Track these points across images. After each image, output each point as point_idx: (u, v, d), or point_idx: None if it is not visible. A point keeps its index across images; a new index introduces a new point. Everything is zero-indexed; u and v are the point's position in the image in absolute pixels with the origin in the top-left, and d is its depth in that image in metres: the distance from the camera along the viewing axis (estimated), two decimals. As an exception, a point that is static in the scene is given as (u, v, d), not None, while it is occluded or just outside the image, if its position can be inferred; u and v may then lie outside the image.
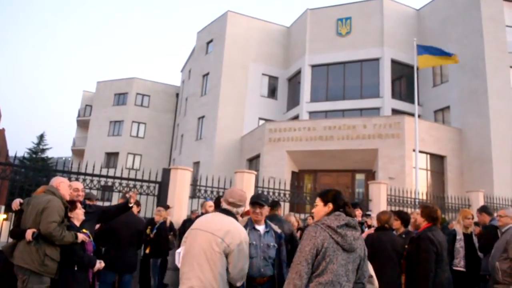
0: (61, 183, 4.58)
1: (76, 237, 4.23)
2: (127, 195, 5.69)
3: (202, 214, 7.67)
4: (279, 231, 4.09)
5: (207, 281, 3.05)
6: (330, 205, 3.00)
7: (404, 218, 5.54)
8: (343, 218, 2.88)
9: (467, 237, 6.22)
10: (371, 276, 3.37)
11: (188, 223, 8.28)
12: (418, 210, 5.21)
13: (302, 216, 12.08)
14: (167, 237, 7.47)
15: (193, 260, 3.15)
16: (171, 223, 7.80)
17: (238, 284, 3.30)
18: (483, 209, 6.58)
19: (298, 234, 5.93)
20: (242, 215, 3.86)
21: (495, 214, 6.19)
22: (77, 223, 4.54)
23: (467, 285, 5.97)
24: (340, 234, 2.81)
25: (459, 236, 6.22)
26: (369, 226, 6.81)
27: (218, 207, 3.99)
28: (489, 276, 5.60)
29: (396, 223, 5.53)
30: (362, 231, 5.33)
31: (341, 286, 2.75)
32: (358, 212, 6.28)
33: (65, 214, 4.35)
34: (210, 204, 7.71)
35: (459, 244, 6.16)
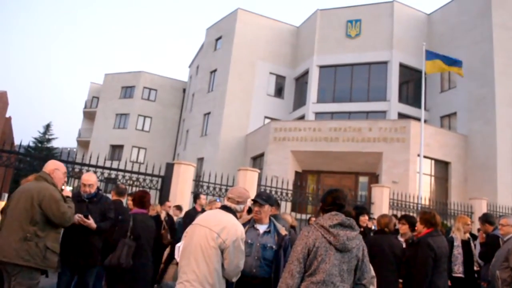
0: (55, 170, 4.23)
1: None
2: None
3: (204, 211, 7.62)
4: (284, 233, 3.96)
5: (202, 276, 3.08)
6: (320, 204, 3.06)
7: (411, 222, 5.51)
8: (337, 218, 2.89)
9: (465, 243, 6.22)
10: (373, 277, 3.36)
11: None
12: None
13: (304, 216, 12.07)
14: (159, 232, 7.28)
15: (190, 254, 3.18)
16: (166, 218, 7.65)
17: (234, 280, 3.33)
18: (486, 219, 6.54)
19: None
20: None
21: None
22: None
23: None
24: (332, 233, 2.82)
25: (457, 243, 6.22)
26: (370, 229, 6.78)
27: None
28: (487, 284, 5.59)
29: (404, 227, 5.50)
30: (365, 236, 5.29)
31: (334, 286, 2.75)
32: (364, 218, 6.13)
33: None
34: (218, 206, 7.59)
35: (457, 251, 6.17)
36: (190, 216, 6.94)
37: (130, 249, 4.39)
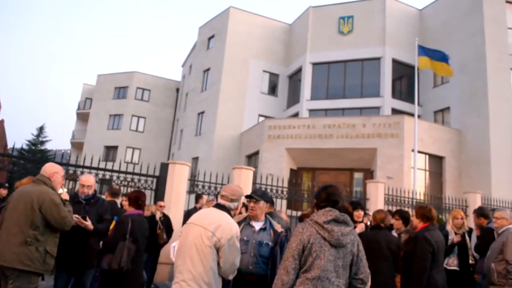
0: (55, 174, 4.20)
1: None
2: None
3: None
4: (280, 230, 3.97)
5: (198, 275, 3.07)
6: (315, 201, 3.07)
7: (405, 217, 5.55)
8: (331, 214, 2.89)
9: (459, 237, 6.25)
10: (368, 273, 3.36)
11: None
12: None
13: (300, 214, 12.10)
14: (154, 231, 7.28)
15: (185, 254, 3.17)
16: (162, 218, 7.64)
17: (230, 278, 3.33)
18: (480, 213, 6.57)
19: None
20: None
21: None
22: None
23: (460, 285, 6.00)
24: (326, 229, 2.82)
25: (451, 236, 6.27)
26: (366, 225, 6.76)
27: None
28: (482, 277, 5.63)
29: (397, 223, 5.54)
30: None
31: (330, 282, 2.75)
32: (359, 213, 6.12)
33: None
34: None
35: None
36: (190, 215, 6.92)
37: (131, 252, 4.35)
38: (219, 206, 3.43)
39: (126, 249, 4.31)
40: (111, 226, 4.80)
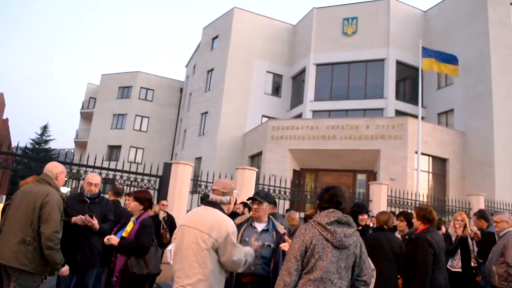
0: (61, 174, 4.19)
1: (63, 264, 4.02)
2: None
3: None
4: (282, 231, 3.95)
5: (197, 279, 3.00)
6: (318, 202, 3.07)
7: (409, 218, 5.55)
8: (334, 215, 2.89)
9: (462, 239, 6.25)
10: (373, 269, 3.36)
11: None
12: None
13: (302, 215, 12.11)
14: (158, 231, 7.26)
15: (182, 258, 3.09)
16: (166, 218, 7.65)
17: (240, 270, 3.24)
18: (482, 216, 6.57)
19: None
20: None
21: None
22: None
23: (463, 287, 6.00)
24: (329, 231, 2.82)
25: (453, 238, 6.29)
26: (368, 227, 6.76)
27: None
28: (480, 278, 5.64)
29: (402, 224, 5.55)
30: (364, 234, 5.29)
31: (332, 283, 2.75)
32: (363, 217, 6.10)
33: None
34: None
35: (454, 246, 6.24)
36: None
37: (160, 257, 4.41)
38: (210, 203, 3.29)
39: (158, 254, 4.34)
40: (129, 228, 4.64)
